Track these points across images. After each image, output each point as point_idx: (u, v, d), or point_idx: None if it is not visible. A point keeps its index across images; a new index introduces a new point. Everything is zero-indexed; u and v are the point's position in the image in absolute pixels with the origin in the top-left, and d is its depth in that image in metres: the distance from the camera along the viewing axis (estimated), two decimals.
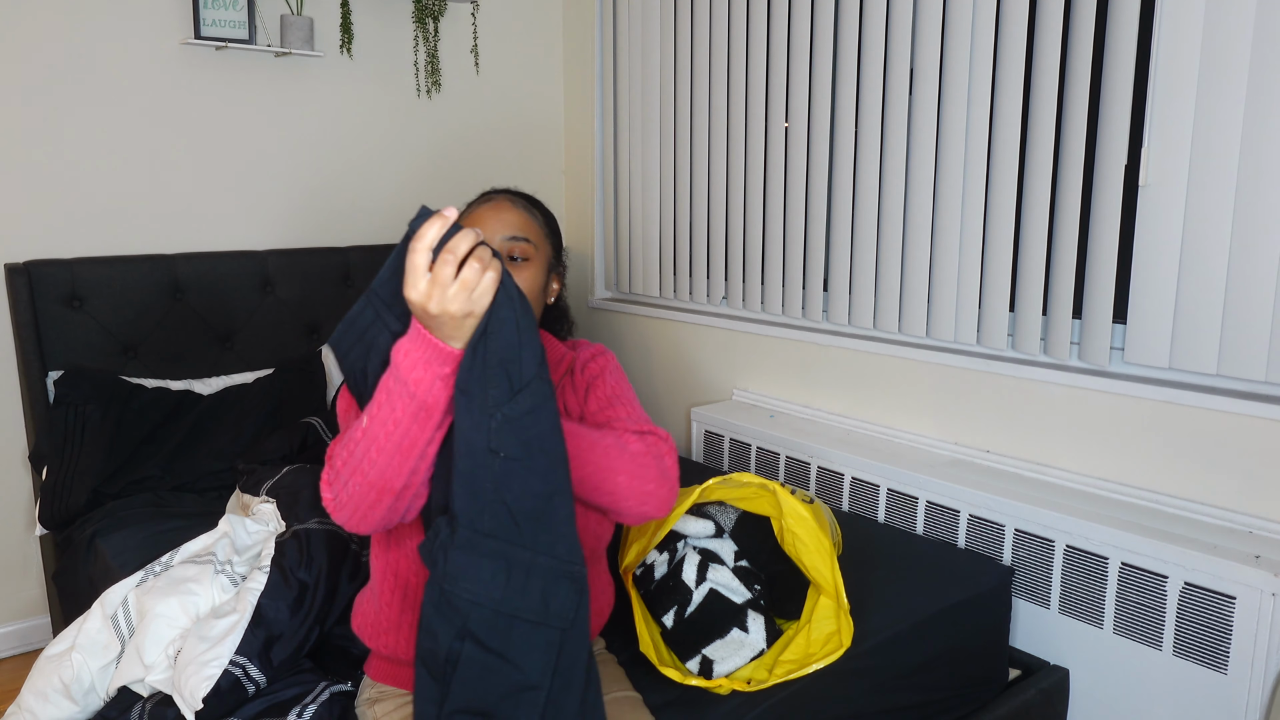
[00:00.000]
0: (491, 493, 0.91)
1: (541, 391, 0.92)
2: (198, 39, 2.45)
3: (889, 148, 2.16)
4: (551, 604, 0.93)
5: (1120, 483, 1.84)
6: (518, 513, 0.92)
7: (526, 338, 0.93)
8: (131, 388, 2.27)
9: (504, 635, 0.92)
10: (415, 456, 0.97)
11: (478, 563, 0.92)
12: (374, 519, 1.02)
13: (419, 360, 0.94)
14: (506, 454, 0.91)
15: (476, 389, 0.91)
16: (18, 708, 1.46)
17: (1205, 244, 1.65)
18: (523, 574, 0.92)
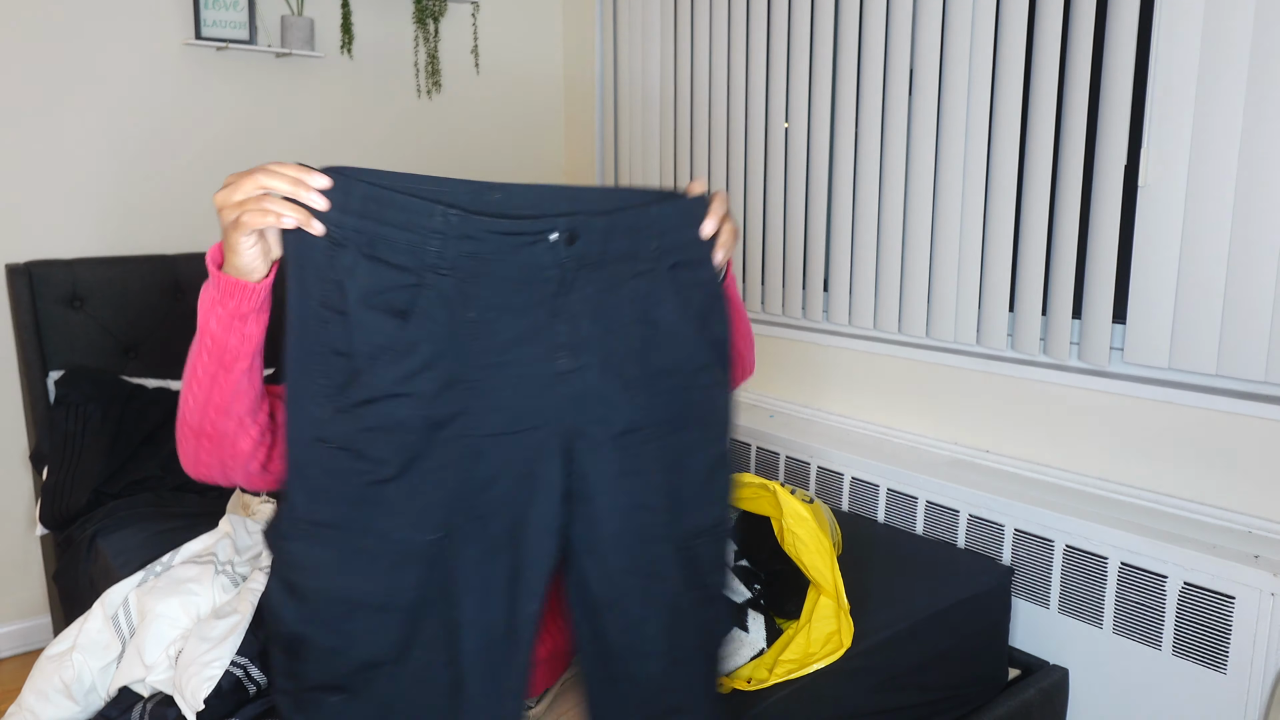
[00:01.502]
0: (321, 475, 0.90)
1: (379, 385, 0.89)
2: (198, 39, 2.45)
3: (889, 148, 2.16)
4: (394, 585, 0.92)
5: (1120, 483, 1.84)
6: (352, 494, 0.90)
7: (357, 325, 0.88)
8: (132, 388, 2.27)
9: (345, 615, 0.91)
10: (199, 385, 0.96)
11: (313, 551, 0.91)
12: (194, 461, 1.01)
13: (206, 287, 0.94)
14: (336, 443, 0.89)
15: (301, 368, 0.89)
16: (19, 707, 1.46)
17: (1205, 244, 1.66)
18: (362, 557, 0.91)
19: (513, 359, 0.93)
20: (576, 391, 0.95)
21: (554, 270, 0.93)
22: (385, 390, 0.88)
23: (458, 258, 0.90)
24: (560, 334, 0.94)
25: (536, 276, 0.93)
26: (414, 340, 0.89)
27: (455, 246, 0.89)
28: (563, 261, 0.93)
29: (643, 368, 0.99)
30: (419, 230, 0.88)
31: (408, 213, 0.88)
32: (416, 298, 0.89)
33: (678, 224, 1.01)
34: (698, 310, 1.02)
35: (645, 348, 0.99)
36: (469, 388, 0.92)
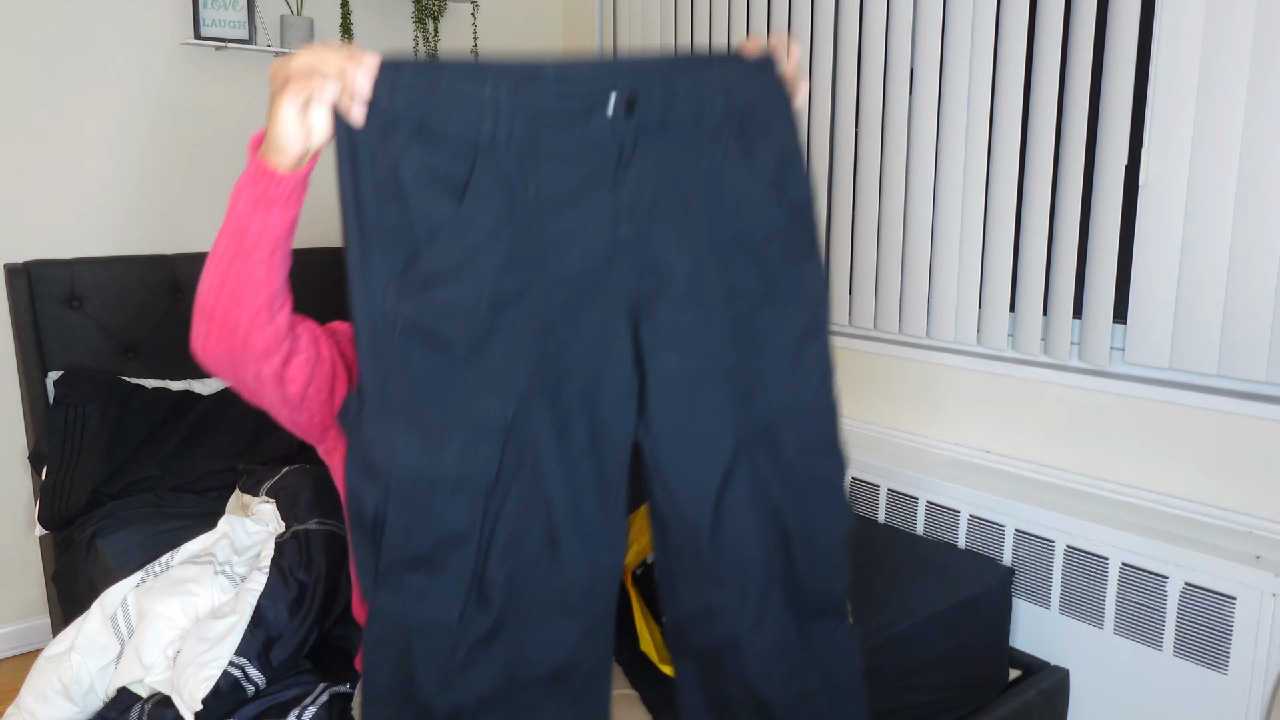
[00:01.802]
0: (394, 360, 0.91)
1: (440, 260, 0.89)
2: (198, 39, 2.45)
3: (889, 148, 2.16)
4: (472, 462, 0.92)
5: (1120, 483, 1.84)
6: (425, 377, 0.91)
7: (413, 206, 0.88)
8: (131, 388, 2.27)
9: (426, 492, 0.92)
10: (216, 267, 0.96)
11: (390, 430, 0.92)
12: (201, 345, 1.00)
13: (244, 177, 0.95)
14: (403, 324, 0.90)
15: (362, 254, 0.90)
16: (17, 708, 1.46)
17: (1205, 244, 1.65)
18: (436, 437, 0.92)
19: (575, 231, 0.92)
20: (640, 260, 0.94)
21: (613, 139, 0.91)
22: (447, 268, 0.88)
23: (512, 132, 0.88)
24: (622, 204, 0.93)
25: (595, 147, 0.91)
26: (471, 218, 0.88)
27: (509, 120, 0.88)
28: (621, 129, 0.91)
29: (711, 236, 0.96)
30: (471, 104, 0.86)
31: (459, 86, 0.86)
32: (472, 175, 0.88)
33: (744, 82, 0.97)
34: (772, 174, 0.99)
35: (713, 216, 0.96)
36: (532, 262, 0.91)
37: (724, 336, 0.98)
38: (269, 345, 0.99)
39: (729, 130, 0.96)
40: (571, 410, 0.95)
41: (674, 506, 1.00)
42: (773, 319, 1.00)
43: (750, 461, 1.01)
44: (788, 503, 1.04)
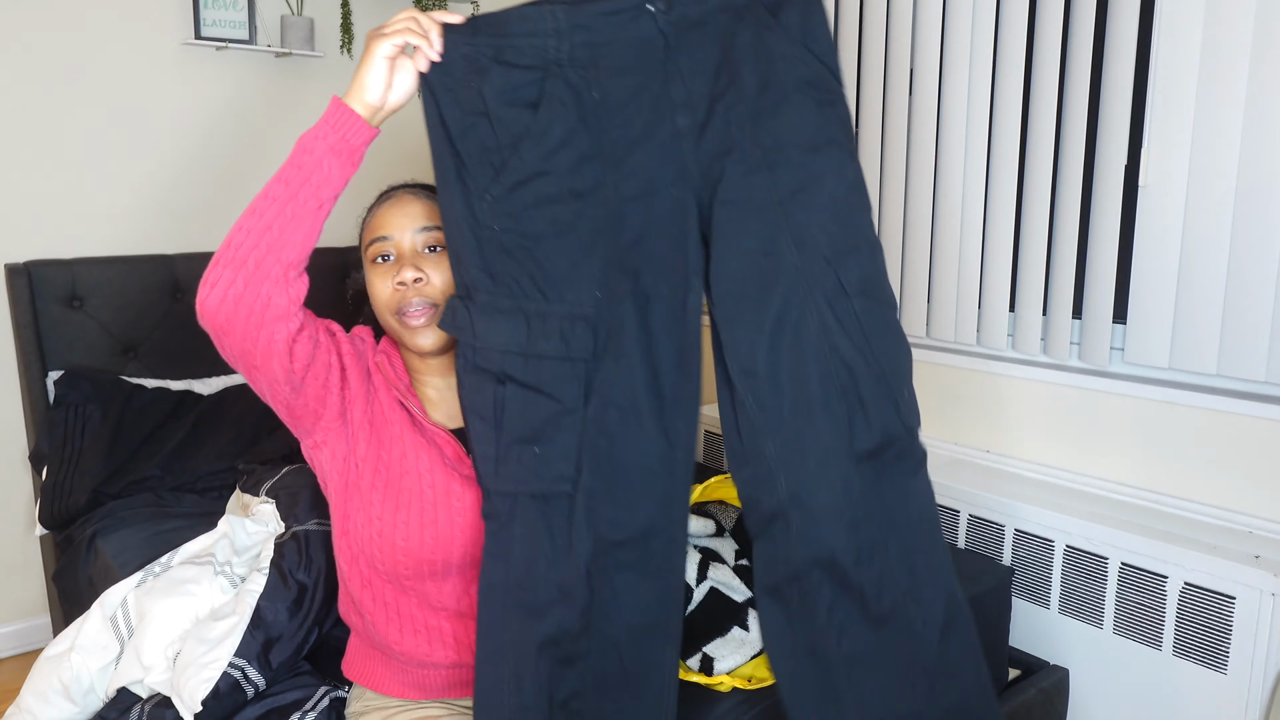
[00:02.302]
0: (496, 258, 1.05)
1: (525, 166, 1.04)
2: (198, 39, 2.45)
3: (889, 148, 2.16)
4: (571, 342, 1.06)
5: (1120, 483, 1.84)
6: (524, 270, 1.05)
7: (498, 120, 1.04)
8: (132, 388, 2.27)
9: (536, 372, 1.06)
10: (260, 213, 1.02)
11: (499, 321, 1.06)
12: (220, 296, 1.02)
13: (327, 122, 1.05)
14: (501, 226, 1.04)
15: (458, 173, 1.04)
16: (17, 708, 1.46)
17: (1205, 244, 1.65)
18: (540, 321, 1.06)
19: (637, 125, 1.05)
20: (699, 146, 1.05)
21: (658, 37, 1.04)
22: (531, 171, 1.03)
23: (574, 47, 1.03)
24: (676, 95, 1.05)
25: (645, 47, 1.04)
26: (547, 123, 1.03)
27: (569, 37, 1.03)
28: (664, 27, 1.04)
29: (759, 102, 1.05)
30: (537, 32, 1.02)
31: (525, 19, 1.02)
32: (544, 88, 1.03)
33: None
34: (799, 28, 1.08)
35: (758, 83, 1.05)
36: (603, 158, 1.05)
37: (780, 197, 1.06)
38: (287, 308, 1.04)
39: (759, 7, 1.07)
40: (650, 290, 1.06)
41: (737, 361, 1.07)
42: (819, 166, 1.08)
43: (808, 307, 1.07)
44: (851, 344, 1.08)
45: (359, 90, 1.03)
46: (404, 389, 1.22)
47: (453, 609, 1.20)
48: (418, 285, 1.18)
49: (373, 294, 1.22)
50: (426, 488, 1.17)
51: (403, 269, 1.18)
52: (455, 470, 1.19)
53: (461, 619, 1.21)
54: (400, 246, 1.20)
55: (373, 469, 1.18)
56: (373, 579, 1.21)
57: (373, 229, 1.23)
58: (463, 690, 1.24)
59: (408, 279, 1.17)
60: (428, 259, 1.19)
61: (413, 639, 1.20)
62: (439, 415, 1.25)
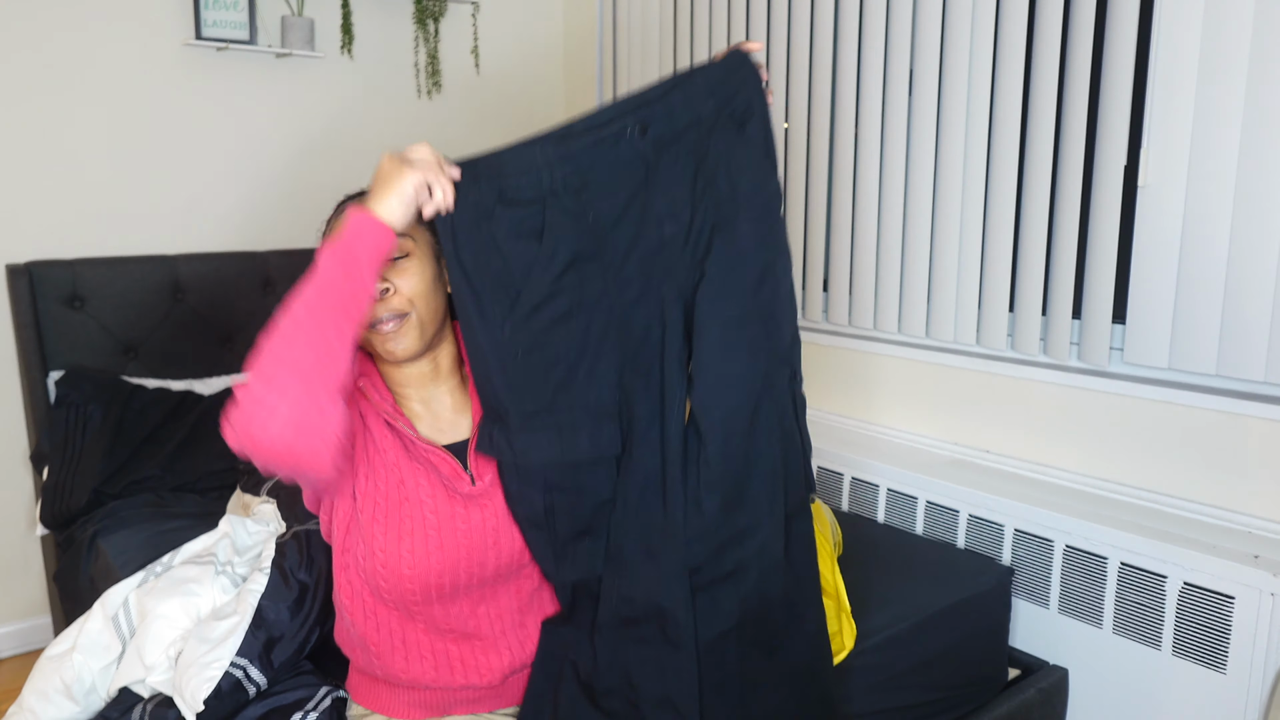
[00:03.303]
0: (521, 380, 1.14)
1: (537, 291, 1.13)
2: (199, 40, 2.45)
3: (889, 148, 2.16)
4: (602, 442, 1.16)
5: (1120, 483, 1.84)
6: (549, 386, 1.15)
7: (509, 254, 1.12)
8: (132, 388, 2.27)
9: (575, 477, 1.17)
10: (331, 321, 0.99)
11: (535, 438, 1.15)
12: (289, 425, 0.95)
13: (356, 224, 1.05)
14: (522, 350, 1.13)
15: (478, 307, 1.13)
16: (19, 708, 1.46)
17: (1205, 244, 1.65)
18: (571, 431, 1.16)
19: (629, 236, 1.16)
20: (681, 249, 1.17)
21: (638, 158, 1.15)
22: (543, 295, 1.13)
23: (565, 176, 1.13)
24: (660, 206, 1.16)
25: (628, 166, 1.15)
26: (553, 249, 1.13)
27: (560, 169, 1.13)
28: (642, 149, 1.15)
29: (731, 207, 1.18)
30: (530, 168, 1.12)
31: (518, 158, 1.12)
32: (545, 218, 1.12)
33: (723, 79, 1.20)
34: (761, 141, 1.22)
35: (729, 189, 1.18)
36: (604, 270, 1.15)
37: (752, 288, 1.19)
38: (347, 388, 1.03)
39: (724, 121, 1.18)
40: (665, 381, 1.17)
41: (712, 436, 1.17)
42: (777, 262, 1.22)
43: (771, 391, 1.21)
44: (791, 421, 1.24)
45: (383, 209, 1.06)
46: (391, 410, 1.20)
47: (459, 631, 1.20)
48: (386, 297, 1.16)
49: None
50: (429, 514, 1.16)
51: None
52: (455, 490, 1.18)
53: (469, 641, 1.20)
54: None
55: (372, 503, 1.17)
56: (377, 609, 1.20)
57: None
58: (469, 708, 1.23)
59: (375, 292, 1.15)
60: (394, 268, 1.17)
61: (419, 665, 1.20)
62: (427, 429, 1.23)
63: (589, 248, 1.14)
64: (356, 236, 1.03)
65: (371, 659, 1.22)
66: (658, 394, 1.17)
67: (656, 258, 1.17)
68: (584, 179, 1.14)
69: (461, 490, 1.18)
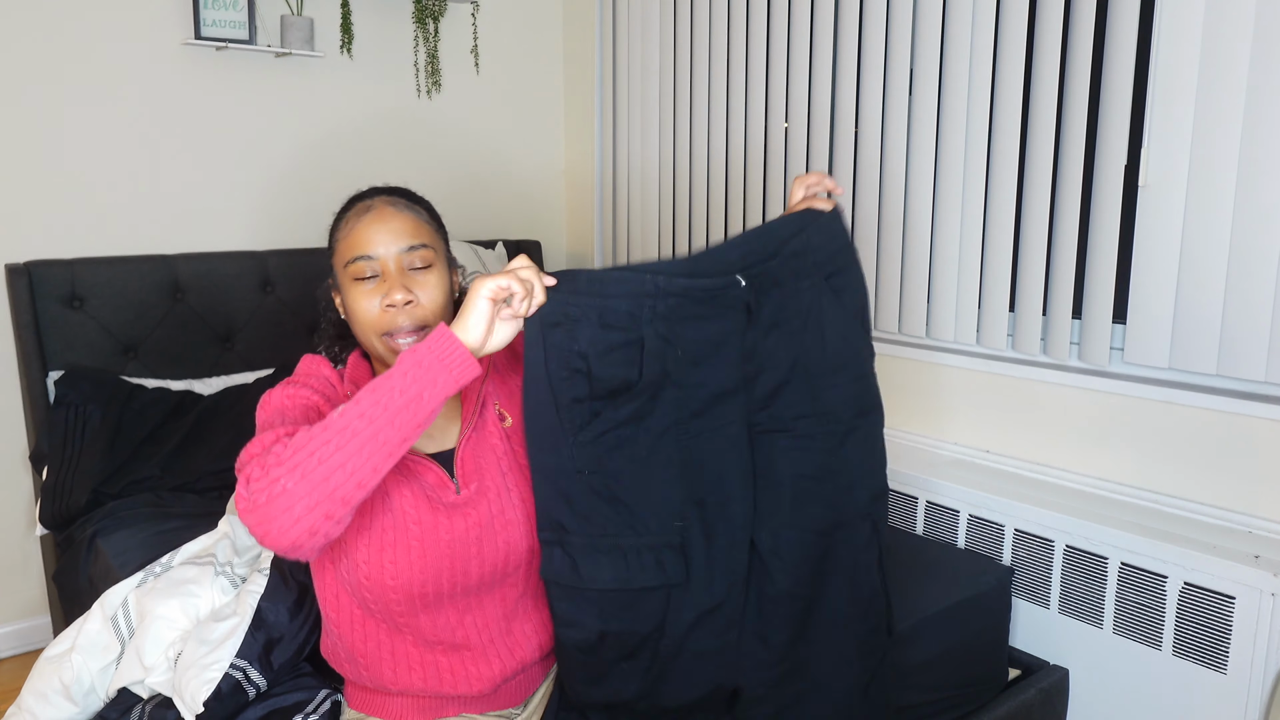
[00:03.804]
0: (586, 502, 1.13)
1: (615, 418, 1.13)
2: (198, 39, 2.45)
3: (889, 148, 2.16)
4: (668, 569, 1.15)
5: (1120, 483, 1.84)
6: (613, 510, 1.14)
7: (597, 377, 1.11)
8: (132, 388, 2.27)
9: (632, 603, 1.15)
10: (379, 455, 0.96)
11: (600, 560, 1.13)
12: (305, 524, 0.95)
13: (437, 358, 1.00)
14: (588, 469, 1.12)
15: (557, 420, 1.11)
16: (18, 708, 1.46)
17: (1205, 244, 1.65)
18: (635, 555, 1.14)
19: (710, 376, 1.17)
20: (755, 385, 1.20)
21: (741, 309, 1.18)
22: (620, 419, 1.13)
23: (667, 310, 1.13)
24: (746, 349, 1.19)
25: (729, 310, 1.17)
26: (644, 381, 1.12)
27: (664, 302, 1.13)
28: (747, 299, 1.18)
29: (812, 365, 1.23)
30: (636, 296, 1.12)
31: (626, 284, 1.12)
32: (644, 347, 1.12)
33: (823, 242, 1.28)
34: (856, 309, 1.31)
35: (815, 347, 1.24)
36: (678, 402, 1.15)
37: (831, 448, 1.25)
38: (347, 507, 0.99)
39: (821, 279, 1.26)
40: (713, 516, 1.17)
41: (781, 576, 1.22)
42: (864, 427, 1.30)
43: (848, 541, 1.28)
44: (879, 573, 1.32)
45: (461, 330, 1.00)
46: None
47: (448, 642, 1.18)
48: (408, 308, 1.15)
49: (355, 313, 1.17)
50: (411, 524, 1.13)
51: (392, 290, 1.14)
52: (438, 500, 1.15)
53: (458, 652, 1.19)
54: (386, 266, 1.16)
55: (355, 516, 1.13)
56: (364, 620, 1.18)
57: (352, 245, 1.17)
58: (462, 707, 1.23)
59: (398, 301, 1.14)
60: (416, 279, 1.16)
61: (408, 676, 1.18)
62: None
63: (671, 378, 1.14)
64: (442, 365, 0.99)
65: (360, 670, 1.20)
66: (719, 528, 1.18)
67: (732, 398, 1.18)
68: (684, 314, 1.15)
69: (445, 500, 1.16)
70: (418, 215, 1.21)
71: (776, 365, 1.21)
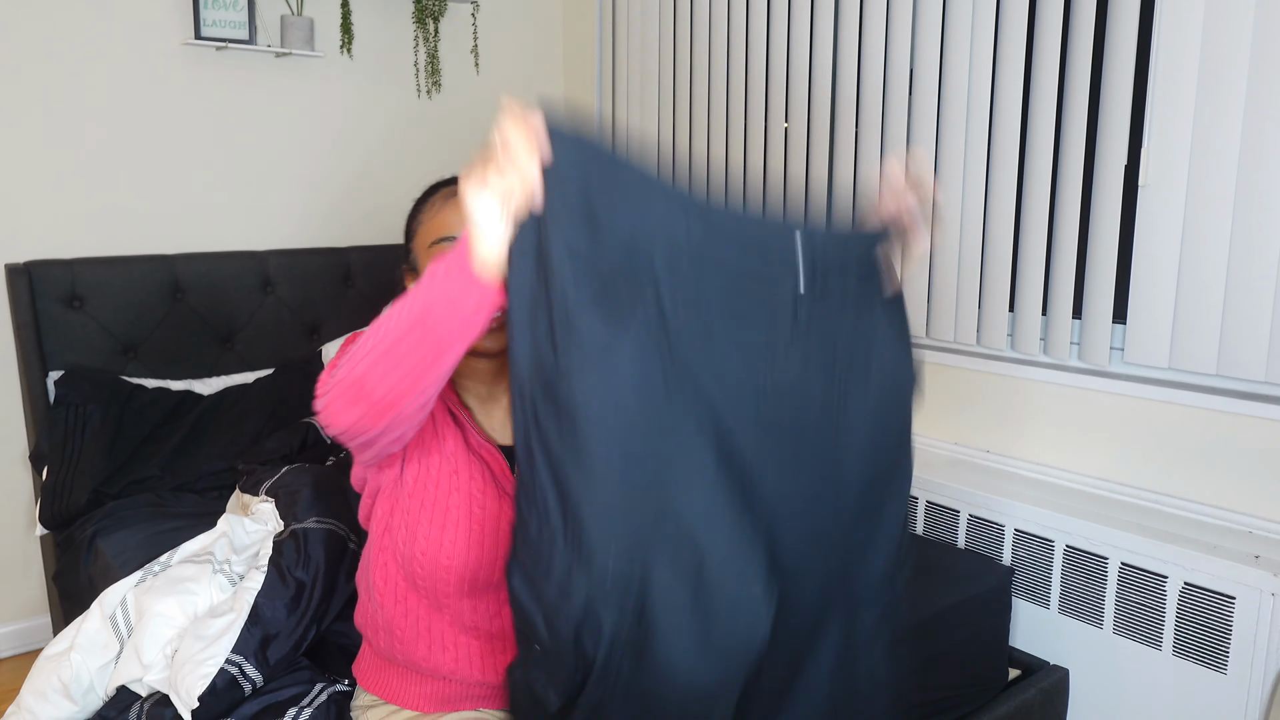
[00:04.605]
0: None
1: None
2: (198, 39, 2.45)
3: (889, 148, 2.16)
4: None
5: (1120, 483, 1.84)
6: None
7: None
8: (132, 388, 2.27)
9: None
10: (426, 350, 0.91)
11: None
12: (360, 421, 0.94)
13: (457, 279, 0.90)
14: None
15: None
16: (17, 707, 1.46)
17: (1205, 244, 1.65)
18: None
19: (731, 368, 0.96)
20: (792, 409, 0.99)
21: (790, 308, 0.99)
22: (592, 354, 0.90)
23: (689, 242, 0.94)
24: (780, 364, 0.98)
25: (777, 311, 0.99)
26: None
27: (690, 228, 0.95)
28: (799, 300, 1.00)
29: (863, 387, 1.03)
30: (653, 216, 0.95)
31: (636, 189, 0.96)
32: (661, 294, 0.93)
33: (868, 255, 1.10)
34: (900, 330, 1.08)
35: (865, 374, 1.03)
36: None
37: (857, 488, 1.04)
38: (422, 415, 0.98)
39: (868, 294, 1.06)
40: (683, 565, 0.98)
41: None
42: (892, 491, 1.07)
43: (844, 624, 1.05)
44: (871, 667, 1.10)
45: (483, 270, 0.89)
46: (454, 399, 1.21)
47: (484, 629, 1.20)
48: None
49: None
50: (476, 507, 1.16)
51: None
52: (501, 488, 1.18)
53: (491, 640, 1.20)
54: None
55: (421, 487, 1.17)
56: (408, 595, 1.20)
57: (438, 227, 1.19)
58: (478, 703, 1.23)
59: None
60: None
61: (440, 656, 1.20)
62: (483, 422, 1.24)
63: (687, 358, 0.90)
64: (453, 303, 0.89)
65: (394, 643, 1.22)
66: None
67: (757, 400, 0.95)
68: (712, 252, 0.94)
69: (507, 489, 1.18)
70: None
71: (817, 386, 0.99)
